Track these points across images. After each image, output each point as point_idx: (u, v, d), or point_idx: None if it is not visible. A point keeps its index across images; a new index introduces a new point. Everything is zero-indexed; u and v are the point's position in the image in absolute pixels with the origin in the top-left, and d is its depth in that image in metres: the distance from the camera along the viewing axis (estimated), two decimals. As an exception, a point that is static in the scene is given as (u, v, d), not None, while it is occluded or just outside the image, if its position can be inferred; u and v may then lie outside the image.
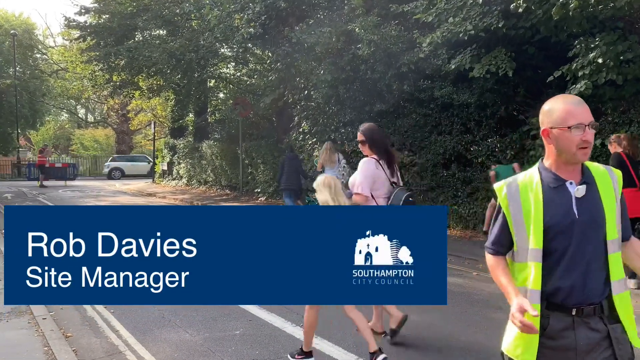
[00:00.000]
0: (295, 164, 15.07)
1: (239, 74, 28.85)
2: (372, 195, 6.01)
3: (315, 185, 5.64)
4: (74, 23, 28.02)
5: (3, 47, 46.15)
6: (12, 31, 43.02)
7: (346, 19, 17.02)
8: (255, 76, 27.07)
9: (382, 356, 5.47)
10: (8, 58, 45.38)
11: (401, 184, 6.32)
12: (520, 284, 2.91)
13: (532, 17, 10.91)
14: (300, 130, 20.10)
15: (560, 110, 2.82)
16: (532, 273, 2.86)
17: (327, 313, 6.44)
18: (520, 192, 2.93)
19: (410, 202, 5.96)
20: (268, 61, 24.08)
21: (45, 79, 47.93)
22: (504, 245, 3.02)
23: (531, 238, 2.86)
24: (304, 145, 19.97)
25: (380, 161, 6.13)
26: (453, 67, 12.59)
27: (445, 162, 14.54)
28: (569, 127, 2.77)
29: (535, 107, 12.42)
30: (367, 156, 6.27)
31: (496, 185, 3.04)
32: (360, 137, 6.29)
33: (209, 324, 7.32)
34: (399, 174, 6.29)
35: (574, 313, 2.81)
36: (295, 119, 20.30)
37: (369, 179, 6.00)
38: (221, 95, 31.36)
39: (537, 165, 2.96)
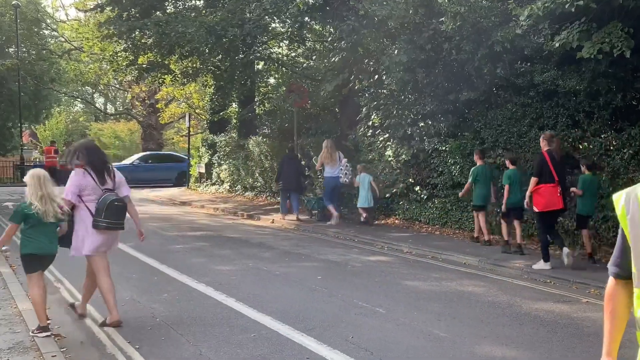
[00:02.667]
0: (294, 164, 18.41)
1: (293, 54, 29.32)
2: (82, 200, 8.58)
3: (25, 179, 8.18)
4: (91, -10, 28.43)
5: (3, 21, 46.58)
6: (13, 2, 42.72)
7: (426, -14, 17.21)
8: (314, 57, 27.53)
9: (46, 333, 7.98)
10: (9, 35, 45.96)
11: (125, 192, 8.98)
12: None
13: (655, -16, 11.03)
14: (370, 124, 20.47)
15: None
16: None
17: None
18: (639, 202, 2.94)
19: (115, 205, 8.55)
20: (329, 39, 24.33)
21: (54, 61, 48.33)
22: (622, 266, 3.08)
23: None
24: (373, 142, 20.32)
25: (90, 171, 8.65)
26: (557, 45, 12.76)
27: (549, 163, 14.79)
28: None
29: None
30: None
31: (615, 197, 3.10)
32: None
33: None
34: (113, 182, 8.80)
35: None
36: (363, 110, 20.62)
37: (74, 186, 8.58)
38: (272, 80, 31.55)
39: None
